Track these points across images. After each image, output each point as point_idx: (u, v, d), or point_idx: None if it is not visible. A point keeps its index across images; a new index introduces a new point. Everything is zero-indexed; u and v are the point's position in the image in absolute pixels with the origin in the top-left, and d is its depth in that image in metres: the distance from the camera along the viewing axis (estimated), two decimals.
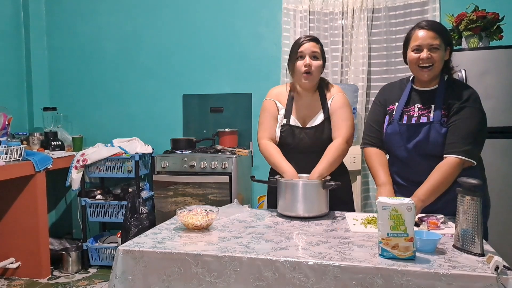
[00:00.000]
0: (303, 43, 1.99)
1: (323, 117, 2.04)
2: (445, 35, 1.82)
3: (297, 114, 2.07)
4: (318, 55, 1.99)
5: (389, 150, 1.97)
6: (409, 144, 1.84)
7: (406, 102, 1.90)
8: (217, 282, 1.35)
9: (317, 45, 2.01)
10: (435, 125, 1.79)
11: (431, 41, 1.78)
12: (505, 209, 2.60)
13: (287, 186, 1.84)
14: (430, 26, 1.80)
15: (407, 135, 1.85)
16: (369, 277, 1.24)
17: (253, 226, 1.71)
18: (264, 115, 2.11)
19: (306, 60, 1.96)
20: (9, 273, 3.25)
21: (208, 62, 3.74)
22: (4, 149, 2.99)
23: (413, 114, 1.86)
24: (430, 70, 1.80)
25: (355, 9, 3.36)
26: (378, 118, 1.98)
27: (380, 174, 1.91)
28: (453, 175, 1.75)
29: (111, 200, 3.45)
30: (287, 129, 2.04)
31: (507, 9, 2.92)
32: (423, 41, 1.79)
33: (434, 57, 1.78)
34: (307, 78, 1.98)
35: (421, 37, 1.79)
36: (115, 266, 1.44)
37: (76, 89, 4.01)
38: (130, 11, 3.87)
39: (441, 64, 1.82)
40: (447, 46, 1.83)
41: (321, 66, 2.01)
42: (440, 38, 1.78)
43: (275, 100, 2.10)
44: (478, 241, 1.33)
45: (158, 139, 3.71)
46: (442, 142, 1.78)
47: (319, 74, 2.02)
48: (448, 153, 1.76)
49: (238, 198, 3.01)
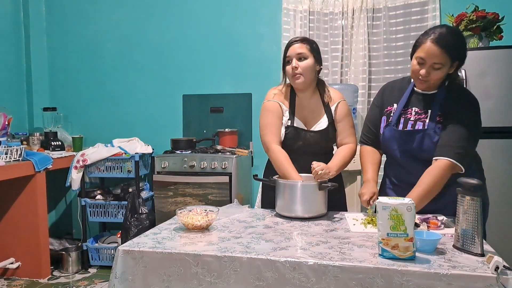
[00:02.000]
0: (289, 46, 2.01)
1: (327, 122, 2.05)
2: (454, 52, 1.70)
3: (299, 115, 2.07)
4: (305, 55, 1.98)
5: (386, 151, 1.97)
6: (403, 149, 1.85)
7: (405, 104, 1.88)
8: (217, 282, 1.35)
9: (304, 45, 1.99)
10: (428, 132, 1.79)
11: (435, 60, 1.69)
12: (505, 209, 2.60)
13: (286, 187, 1.85)
14: (440, 41, 1.68)
15: (401, 141, 1.85)
16: (369, 277, 1.24)
17: (253, 226, 1.71)
18: (269, 116, 2.06)
19: (292, 63, 1.98)
20: (9, 273, 3.25)
21: (208, 62, 3.74)
22: (4, 149, 2.99)
23: (409, 117, 1.85)
24: (427, 84, 1.78)
25: (355, 9, 3.36)
26: (374, 119, 2.00)
27: (369, 171, 1.94)
28: (444, 178, 1.72)
29: (111, 200, 3.45)
30: (292, 130, 2.04)
31: (507, 9, 2.92)
32: (427, 56, 1.70)
33: (432, 76, 1.73)
34: (297, 79, 1.99)
35: (427, 51, 1.69)
36: (115, 266, 1.44)
37: (76, 89, 4.01)
38: (130, 11, 3.87)
39: (440, 80, 1.77)
40: (455, 61, 1.74)
41: (312, 65, 1.99)
42: (446, 55, 1.69)
43: (279, 102, 2.08)
44: (478, 241, 1.33)
45: (158, 139, 3.71)
46: (435, 149, 1.77)
47: (311, 73, 2.00)
48: (439, 156, 1.73)
49: (238, 198, 3.01)
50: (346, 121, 2.08)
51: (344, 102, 2.10)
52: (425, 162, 1.78)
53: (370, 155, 1.99)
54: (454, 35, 1.73)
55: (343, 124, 2.07)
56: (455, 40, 1.72)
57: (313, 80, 2.05)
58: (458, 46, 1.73)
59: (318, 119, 2.06)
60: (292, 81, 2.02)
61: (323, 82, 2.14)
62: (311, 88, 2.07)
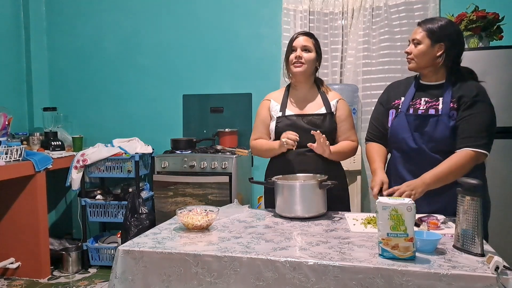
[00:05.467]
0: (296, 37, 2.08)
1: (325, 111, 2.07)
2: (432, 29, 1.82)
3: (293, 107, 2.11)
4: (310, 49, 2.06)
5: (396, 145, 1.94)
6: (417, 134, 1.84)
7: (412, 96, 1.91)
8: (217, 282, 1.35)
9: (310, 39, 2.08)
10: (443, 118, 1.80)
11: (414, 36, 1.86)
12: (505, 209, 2.60)
13: (284, 187, 1.84)
14: (421, 22, 1.87)
15: (414, 126, 1.85)
16: (369, 277, 1.24)
17: (253, 226, 1.71)
18: (256, 120, 2.20)
19: (297, 52, 2.05)
20: (9, 273, 3.25)
21: (208, 62, 3.74)
22: (4, 149, 2.98)
23: (419, 107, 1.87)
24: (410, 63, 1.88)
25: (355, 9, 3.36)
26: (379, 116, 2.03)
27: (376, 160, 1.97)
28: (465, 168, 1.73)
29: (111, 200, 3.45)
30: (283, 119, 2.07)
31: (507, 9, 2.92)
32: (411, 35, 1.88)
33: (414, 52, 1.85)
34: (298, 66, 2.04)
35: (413, 32, 1.89)
36: (115, 266, 1.44)
37: (76, 89, 4.01)
38: (130, 11, 3.87)
39: (424, 58, 1.83)
40: (437, 42, 1.81)
41: (314, 59, 2.07)
42: (423, 32, 1.82)
43: (270, 99, 2.16)
44: (478, 241, 1.33)
45: (158, 139, 3.71)
46: (449, 135, 1.78)
47: (311, 66, 2.07)
48: (463, 147, 1.75)
49: (238, 198, 3.01)
50: (348, 121, 2.12)
51: (344, 101, 2.14)
52: (438, 151, 1.80)
53: (376, 149, 2.03)
54: (438, 19, 1.87)
55: (346, 124, 2.10)
56: (437, 21, 1.85)
57: (311, 74, 2.11)
58: (439, 26, 1.82)
59: (317, 108, 2.09)
60: (293, 69, 2.06)
61: (321, 79, 2.21)
62: (309, 82, 2.12)
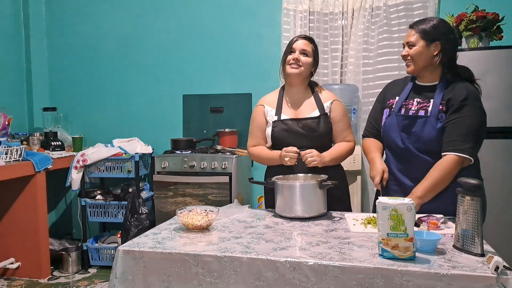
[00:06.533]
0: (296, 40, 2.09)
1: (319, 113, 2.07)
2: (425, 30, 1.83)
3: (288, 111, 2.11)
4: (308, 53, 2.08)
5: (387, 144, 1.99)
6: (404, 134, 1.87)
7: (406, 96, 1.93)
8: (217, 283, 1.35)
9: (310, 44, 2.10)
10: (430, 119, 1.81)
11: (408, 39, 1.87)
12: (504, 209, 2.60)
13: (284, 188, 1.84)
14: (414, 24, 1.87)
15: (402, 126, 1.88)
16: (369, 277, 1.24)
17: (253, 226, 1.71)
18: (252, 125, 2.18)
19: (295, 54, 2.05)
20: (9, 273, 3.25)
21: (208, 62, 3.74)
22: (4, 149, 2.98)
23: (411, 107, 1.89)
24: (409, 66, 1.89)
25: (355, 9, 3.36)
26: (376, 114, 2.06)
27: (373, 151, 1.99)
28: (452, 173, 1.75)
29: (111, 200, 3.45)
30: (279, 124, 2.07)
31: (507, 9, 2.91)
32: (405, 39, 1.89)
33: (409, 53, 1.85)
34: (295, 68, 2.05)
35: (406, 35, 1.90)
36: (115, 266, 1.44)
37: (76, 89, 4.01)
38: (130, 11, 3.87)
39: (422, 59, 1.84)
40: (433, 42, 1.82)
41: (311, 63, 2.08)
42: (416, 33, 1.83)
43: (264, 104, 2.16)
44: (478, 241, 1.33)
45: (158, 139, 3.71)
46: (436, 136, 1.80)
47: (307, 69, 2.08)
48: (447, 151, 1.76)
49: (238, 198, 3.01)
50: (344, 121, 2.12)
51: (339, 102, 2.14)
52: (425, 151, 1.82)
53: (372, 143, 2.05)
54: (429, 19, 1.88)
55: (342, 124, 2.11)
56: (429, 21, 1.86)
57: (306, 78, 2.12)
58: (432, 26, 1.83)
59: (310, 111, 2.09)
60: (288, 69, 2.07)
61: (316, 82, 2.22)
62: (303, 85, 2.13)
